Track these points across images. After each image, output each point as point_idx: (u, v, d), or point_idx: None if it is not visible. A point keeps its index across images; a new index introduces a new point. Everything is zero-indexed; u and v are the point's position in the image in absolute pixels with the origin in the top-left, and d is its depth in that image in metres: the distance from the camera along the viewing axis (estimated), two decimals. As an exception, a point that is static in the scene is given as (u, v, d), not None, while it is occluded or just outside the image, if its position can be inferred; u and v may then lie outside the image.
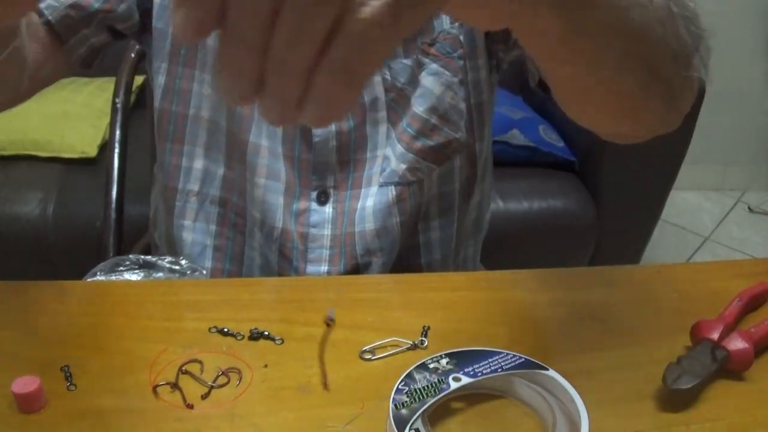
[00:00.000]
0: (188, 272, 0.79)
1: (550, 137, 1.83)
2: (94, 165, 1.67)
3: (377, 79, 0.79)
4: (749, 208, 2.52)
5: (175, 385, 0.59)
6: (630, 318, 0.69)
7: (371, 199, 0.81)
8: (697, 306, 0.70)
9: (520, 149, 1.80)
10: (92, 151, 1.68)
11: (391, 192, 0.80)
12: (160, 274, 0.79)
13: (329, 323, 0.47)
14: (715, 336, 0.63)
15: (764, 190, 2.58)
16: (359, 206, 0.81)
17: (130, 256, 0.80)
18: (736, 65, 2.29)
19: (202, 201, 0.84)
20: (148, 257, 0.80)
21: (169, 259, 0.80)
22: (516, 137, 1.79)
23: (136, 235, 1.13)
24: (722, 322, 0.64)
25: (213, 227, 0.84)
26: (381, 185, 0.80)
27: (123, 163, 1.07)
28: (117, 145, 1.07)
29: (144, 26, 0.82)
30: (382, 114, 0.80)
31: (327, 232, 0.81)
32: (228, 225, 0.84)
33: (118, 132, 1.07)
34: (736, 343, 0.62)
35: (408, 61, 0.79)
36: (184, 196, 0.85)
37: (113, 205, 1.05)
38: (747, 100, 2.40)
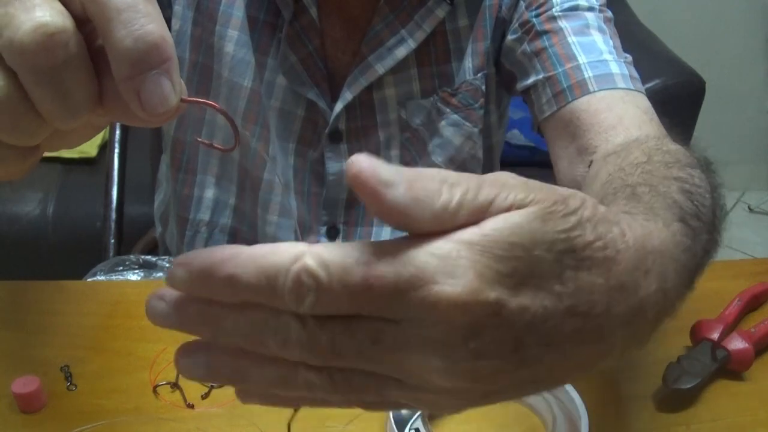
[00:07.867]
0: (188, 272, 0.79)
1: (550, 137, 1.84)
2: (94, 165, 1.67)
3: (393, 117, 0.78)
4: (749, 208, 2.52)
5: (175, 385, 0.59)
6: (630, 318, 0.69)
7: (385, 238, 0.79)
8: (697, 306, 0.70)
9: (520, 149, 1.80)
10: (92, 151, 1.68)
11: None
12: (160, 274, 0.79)
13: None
14: (715, 336, 0.63)
15: (764, 190, 2.58)
16: None
17: (130, 256, 0.80)
18: (736, 65, 2.29)
19: (212, 229, 0.84)
20: (148, 257, 0.80)
21: (169, 258, 0.80)
22: (516, 137, 1.79)
23: (136, 235, 1.13)
24: (722, 322, 0.64)
25: None
26: None
27: (123, 163, 1.07)
28: (117, 145, 1.07)
29: None
30: (396, 152, 0.79)
31: None
32: None
33: (118, 132, 1.07)
34: (736, 343, 0.62)
35: (424, 102, 0.78)
36: (194, 226, 0.85)
37: (113, 205, 1.05)
38: (747, 100, 2.39)
